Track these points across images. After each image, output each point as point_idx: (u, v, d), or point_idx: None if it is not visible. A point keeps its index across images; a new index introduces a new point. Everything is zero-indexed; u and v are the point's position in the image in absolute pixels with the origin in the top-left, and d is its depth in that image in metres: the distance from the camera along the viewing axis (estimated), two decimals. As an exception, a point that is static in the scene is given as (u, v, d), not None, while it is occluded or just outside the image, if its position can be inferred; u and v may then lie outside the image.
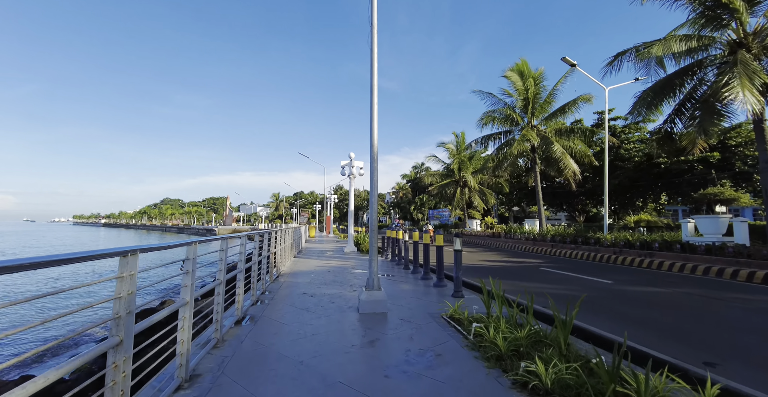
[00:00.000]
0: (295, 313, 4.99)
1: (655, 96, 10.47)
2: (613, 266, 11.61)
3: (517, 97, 19.00)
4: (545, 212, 23.19)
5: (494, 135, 20.15)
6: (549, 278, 9.24)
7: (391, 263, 11.28)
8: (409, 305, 5.53)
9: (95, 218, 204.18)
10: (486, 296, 4.70)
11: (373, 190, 5.35)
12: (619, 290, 7.59)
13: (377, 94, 5.33)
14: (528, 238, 17.88)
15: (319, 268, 9.79)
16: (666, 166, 24.27)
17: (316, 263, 10.90)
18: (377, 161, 5.33)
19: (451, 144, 28.96)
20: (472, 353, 3.50)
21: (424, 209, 42.73)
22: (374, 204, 5.32)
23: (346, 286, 7.10)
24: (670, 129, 11.18)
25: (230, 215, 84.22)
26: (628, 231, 13.68)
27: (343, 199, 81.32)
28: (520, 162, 20.70)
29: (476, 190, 28.18)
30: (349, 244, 16.05)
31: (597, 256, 12.78)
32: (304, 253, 14.70)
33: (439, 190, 28.95)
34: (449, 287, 6.90)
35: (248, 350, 3.55)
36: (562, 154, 17.29)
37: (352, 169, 16.07)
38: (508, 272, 10.45)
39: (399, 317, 4.82)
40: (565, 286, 8.12)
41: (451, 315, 4.66)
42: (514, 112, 18.94)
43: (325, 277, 8.21)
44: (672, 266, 10.13)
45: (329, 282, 7.50)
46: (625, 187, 28.16)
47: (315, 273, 8.81)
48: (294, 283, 7.42)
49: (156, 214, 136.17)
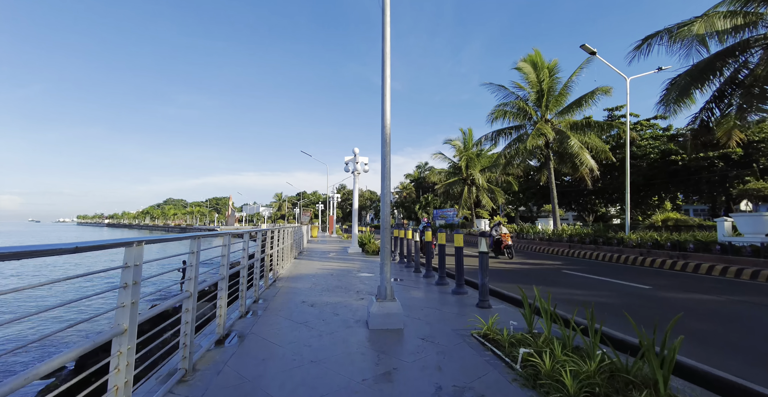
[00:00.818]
0: (291, 329, 4.10)
1: (693, 80, 9.49)
2: (641, 268, 10.64)
3: (530, 90, 18.03)
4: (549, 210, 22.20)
5: (506, 130, 19.16)
6: (576, 283, 8.31)
7: (400, 265, 10.38)
8: (428, 318, 4.63)
9: (99, 218, 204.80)
10: (527, 310, 3.79)
11: (384, 180, 4.45)
12: (662, 298, 6.65)
13: (390, 60, 4.43)
14: (542, 238, 16.91)
15: (322, 271, 8.91)
16: (683, 163, 23.23)
17: (318, 265, 10.02)
18: (389, 145, 4.43)
19: (458, 141, 27.95)
20: (526, 392, 2.60)
21: (429, 209, 41.74)
22: (387, 197, 4.42)
23: (351, 292, 6.20)
24: (707, 118, 10.20)
25: (232, 214, 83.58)
26: (653, 230, 12.71)
27: (346, 198, 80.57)
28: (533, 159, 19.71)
29: (485, 188, 27.13)
30: (353, 244, 15.17)
31: (621, 257, 11.81)
32: (306, 254, 13.84)
33: (446, 188, 27.96)
34: (471, 296, 5.99)
35: (224, 388, 2.66)
36: (580, 150, 16.31)
37: (357, 165, 15.20)
38: (527, 275, 9.53)
39: (418, 335, 3.92)
40: (598, 292, 7.18)
41: (484, 334, 3.75)
42: (527, 106, 17.95)
43: (328, 281, 7.32)
44: (711, 269, 9.16)
45: (332, 288, 6.61)
46: (638, 185, 27.09)
47: (317, 277, 7.93)
48: (293, 289, 6.54)
49: (159, 214, 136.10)
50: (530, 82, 17.82)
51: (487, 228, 26.95)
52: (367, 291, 6.33)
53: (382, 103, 4.44)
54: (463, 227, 29.42)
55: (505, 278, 8.70)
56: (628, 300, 6.43)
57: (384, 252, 4.47)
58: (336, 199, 37.50)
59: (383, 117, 4.42)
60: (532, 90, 17.99)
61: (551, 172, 18.13)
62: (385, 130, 4.41)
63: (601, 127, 17.20)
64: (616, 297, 6.70)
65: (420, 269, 8.83)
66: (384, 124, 4.42)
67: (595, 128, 17.01)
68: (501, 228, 13.42)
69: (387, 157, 4.42)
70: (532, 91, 17.96)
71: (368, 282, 7.30)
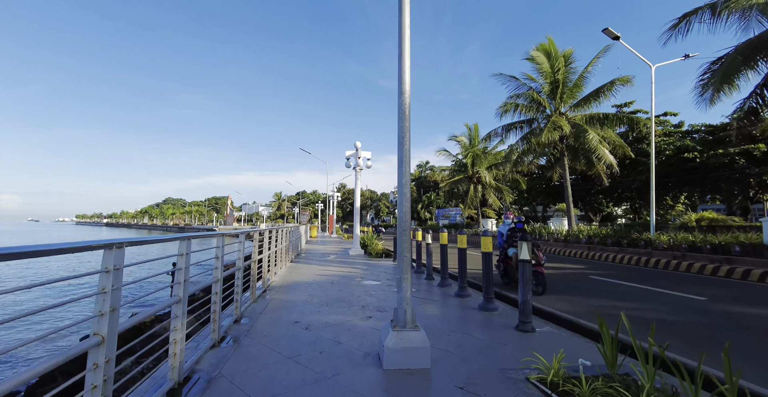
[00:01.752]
0: (278, 368, 2.99)
1: (745, 60, 8.33)
2: (678, 274, 9.53)
3: (544, 81, 16.88)
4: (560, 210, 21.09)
5: (517, 124, 18.01)
6: (614, 292, 7.19)
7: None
8: (461, 349, 3.51)
9: (98, 217, 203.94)
10: (610, 346, 2.68)
11: (403, 165, 3.33)
12: (731, 315, 5.52)
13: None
14: (557, 239, 15.80)
15: (320, 277, 7.79)
16: (701, 160, 22.10)
17: (316, 271, 8.91)
18: (409, 119, 3.31)
19: (464, 137, 26.77)
20: None
21: (431, 208, 40.63)
22: (406, 188, 3.31)
23: (355, 308, 5.09)
24: (756, 104, 9.06)
25: (231, 214, 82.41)
26: (683, 231, 11.61)
27: (346, 198, 79.52)
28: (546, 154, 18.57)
29: (492, 186, 25.94)
30: (354, 246, 14.05)
31: (651, 261, 10.70)
32: (304, 256, 12.73)
33: (451, 187, 26.80)
34: (503, 313, 4.88)
35: None
36: (598, 145, 15.20)
37: (359, 160, 14.08)
38: (552, 282, 8.42)
39: (454, 380, 2.80)
40: (647, 305, 6.07)
41: (551, 381, 2.63)
42: (541, 98, 16.78)
43: (327, 292, 6.21)
44: (766, 276, 8.03)
45: (333, 301, 5.50)
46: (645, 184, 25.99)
47: (314, 286, 6.81)
48: (285, 302, 5.42)
49: (157, 213, 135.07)
50: (543, 73, 16.66)
51: (494, 228, 25.81)
52: (375, 306, 5.22)
53: (399, 59, 3.31)
54: (468, 227, 28.30)
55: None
56: (689, 317, 5.31)
57: (403, 262, 3.35)
58: (336, 198, 36.40)
59: (401, 79, 3.29)
60: (545, 81, 16.84)
61: (566, 169, 17.01)
62: (403, 98, 3.29)
63: (620, 121, 16.05)
64: (673, 312, 5.59)
65: (433, 276, 7.71)
66: (402, 90, 3.29)
67: (614, 122, 15.87)
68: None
69: (405, 134, 3.30)
70: (546, 82, 16.81)
71: (375, 293, 6.19)
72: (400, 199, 3.32)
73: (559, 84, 16.35)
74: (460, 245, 6.05)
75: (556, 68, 16.37)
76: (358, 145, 14.13)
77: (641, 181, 26.23)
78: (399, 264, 3.37)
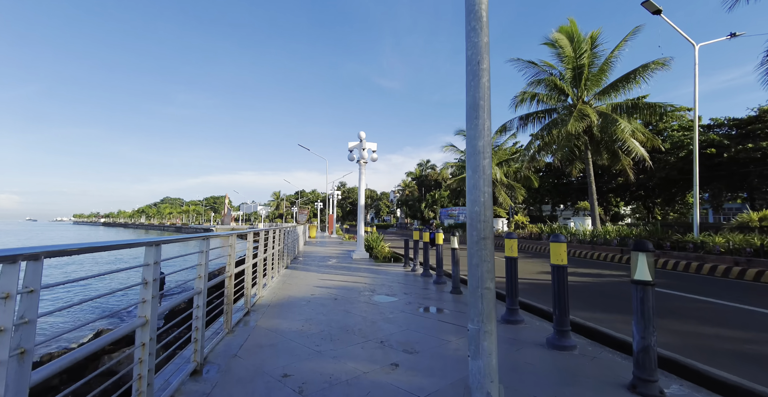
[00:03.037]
0: None
1: None
2: (747, 283, 8.02)
3: (566, 67, 15.36)
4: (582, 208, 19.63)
5: (534, 114, 16.47)
6: (688, 310, 5.69)
7: (423, 278, 7.78)
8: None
9: (95, 217, 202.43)
10: None
11: (479, 107, 1.81)
12: None
13: None
14: (582, 240, 14.29)
15: (320, 290, 6.28)
16: (729, 155, 20.62)
17: (315, 280, 7.39)
18: (487, 30, 1.79)
19: (473, 131, 25.02)
20: None
21: (435, 207, 39.08)
22: (483, 140, 1.78)
23: (371, 345, 3.58)
24: None
25: (229, 213, 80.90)
26: (738, 232, 10.12)
27: (347, 197, 78.13)
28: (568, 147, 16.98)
29: (503, 184, 24.35)
30: (358, 248, 12.52)
31: (704, 267, 9.19)
32: (302, 260, 11.23)
33: (458, 184, 25.22)
34: (587, 353, 3.37)
35: None
36: (628, 136, 13.69)
37: (363, 152, 12.57)
38: (600, 294, 6.93)
39: None
40: (750, 332, 4.57)
41: None
42: (564, 85, 15.23)
43: (330, 314, 4.70)
44: None
45: (337, 332, 3.98)
46: (671, 180, 24.52)
47: (313, 303, 5.31)
48: (272, 333, 3.92)
49: (154, 213, 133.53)
50: (565, 58, 15.12)
51: (504, 228, 24.31)
52: (399, 340, 3.71)
53: None
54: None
55: (577, 301, 6.08)
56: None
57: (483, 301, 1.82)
58: (336, 196, 34.90)
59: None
60: (568, 66, 15.31)
61: (589, 164, 15.50)
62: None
63: (653, 111, 14.52)
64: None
65: (460, 289, 6.21)
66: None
67: (644, 112, 14.35)
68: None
69: (483, 57, 1.77)
70: (568, 67, 15.29)
71: (394, 316, 4.68)
72: (475, 180, 1.80)
73: (584, 69, 14.81)
74: (509, 253, 4.53)
75: (579, 52, 14.83)
76: (362, 136, 12.62)
77: (661, 179, 24.79)
78: (473, 303, 1.85)
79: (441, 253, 7.38)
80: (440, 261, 7.33)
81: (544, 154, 16.64)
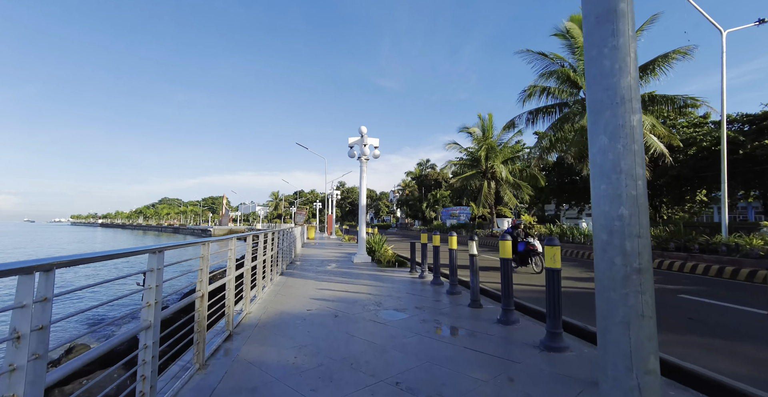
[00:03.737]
0: None
1: None
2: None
3: (579, 58, 14.52)
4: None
5: (544, 109, 15.61)
6: (754, 328, 4.84)
7: (433, 287, 6.93)
8: None
9: (92, 217, 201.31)
10: None
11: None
12: None
13: None
14: (597, 242, 13.41)
15: (318, 304, 5.42)
16: (746, 152, 19.80)
17: (312, 290, 6.53)
18: None
19: (476, 128, 24.30)
20: None
21: (437, 207, 38.18)
22: (634, 101, 0.92)
23: (384, 388, 2.72)
24: None
25: (227, 214, 79.84)
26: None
27: (346, 197, 77.32)
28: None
29: (509, 182, 23.41)
30: (359, 252, 11.67)
31: (741, 272, 8.33)
32: (298, 264, 10.37)
33: (463, 183, 24.31)
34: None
35: None
36: (647, 132, 12.85)
37: (364, 148, 11.72)
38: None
39: None
40: None
41: None
42: (577, 77, 14.36)
43: (330, 338, 3.84)
44: None
45: (339, 366, 3.12)
46: (683, 179, 23.70)
47: (309, 322, 4.45)
48: (256, 369, 3.06)
49: (152, 214, 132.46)
50: (578, 49, 14.29)
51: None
52: (418, 379, 2.85)
53: None
54: (480, 227, 25.93)
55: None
56: None
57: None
58: (335, 196, 34.03)
59: None
60: (579, 58, 14.47)
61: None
62: None
63: (672, 104, 13.68)
64: None
65: (479, 302, 5.35)
66: None
67: (662, 105, 13.52)
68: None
69: None
70: (581, 59, 14.47)
71: (407, 341, 3.82)
72: (615, 155, 0.96)
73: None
74: (550, 263, 3.67)
75: (593, 42, 13.97)
76: (364, 131, 11.77)
77: (672, 177, 23.95)
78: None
79: (455, 258, 6.53)
80: (454, 268, 6.48)
81: (554, 150, 15.78)
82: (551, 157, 17.49)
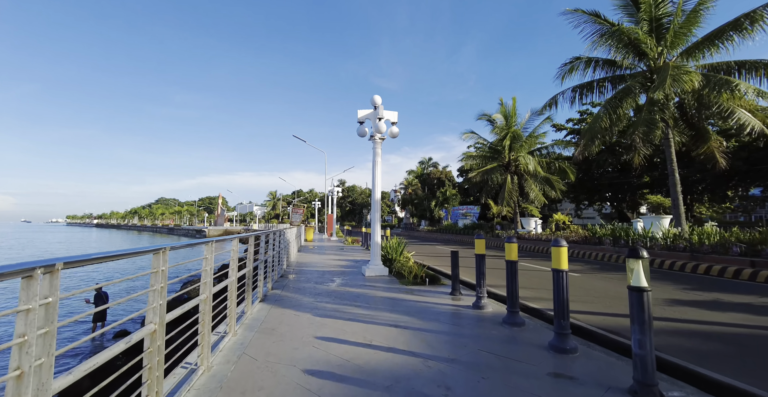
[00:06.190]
0: None
1: None
2: None
3: (641, 17, 11.68)
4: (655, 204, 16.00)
5: (599, 82, 12.66)
6: None
7: (511, 329, 4.11)
8: None
9: (88, 218, 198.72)
10: None
11: None
12: None
13: None
14: (675, 247, 10.54)
15: (317, 379, 2.54)
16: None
17: (308, 336, 3.66)
18: None
19: (498, 114, 21.31)
20: None
21: (447, 206, 35.34)
22: None
23: None
24: None
25: (222, 214, 76.97)
26: None
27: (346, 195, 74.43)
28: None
29: (539, 176, 20.43)
30: (373, 261, 8.81)
31: None
32: (291, 279, 7.56)
33: (483, 177, 21.41)
34: None
35: None
36: (737, 106, 10.07)
37: (378, 123, 8.89)
38: None
39: None
40: None
41: None
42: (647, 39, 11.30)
43: None
44: None
45: None
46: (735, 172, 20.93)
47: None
48: None
49: (147, 214, 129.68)
50: (644, 3, 11.40)
51: (539, 229, 20.59)
52: None
53: None
54: (502, 228, 23.08)
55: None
56: None
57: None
58: (336, 193, 31.22)
59: None
60: (642, 17, 11.65)
61: (671, 145, 11.85)
62: None
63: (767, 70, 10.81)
64: None
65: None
66: None
67: (752, 73, 10.64)
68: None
69: None
70: (644, 18, 11.63)
71: None
72: None
73: (673, 16, 11.13)
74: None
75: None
76: (378, 101, 8.95)
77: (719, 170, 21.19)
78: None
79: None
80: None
81: (608, 134, 12.97)
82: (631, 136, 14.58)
